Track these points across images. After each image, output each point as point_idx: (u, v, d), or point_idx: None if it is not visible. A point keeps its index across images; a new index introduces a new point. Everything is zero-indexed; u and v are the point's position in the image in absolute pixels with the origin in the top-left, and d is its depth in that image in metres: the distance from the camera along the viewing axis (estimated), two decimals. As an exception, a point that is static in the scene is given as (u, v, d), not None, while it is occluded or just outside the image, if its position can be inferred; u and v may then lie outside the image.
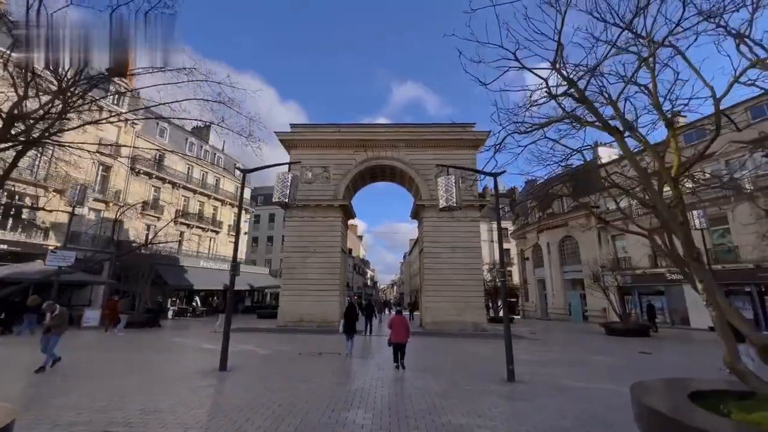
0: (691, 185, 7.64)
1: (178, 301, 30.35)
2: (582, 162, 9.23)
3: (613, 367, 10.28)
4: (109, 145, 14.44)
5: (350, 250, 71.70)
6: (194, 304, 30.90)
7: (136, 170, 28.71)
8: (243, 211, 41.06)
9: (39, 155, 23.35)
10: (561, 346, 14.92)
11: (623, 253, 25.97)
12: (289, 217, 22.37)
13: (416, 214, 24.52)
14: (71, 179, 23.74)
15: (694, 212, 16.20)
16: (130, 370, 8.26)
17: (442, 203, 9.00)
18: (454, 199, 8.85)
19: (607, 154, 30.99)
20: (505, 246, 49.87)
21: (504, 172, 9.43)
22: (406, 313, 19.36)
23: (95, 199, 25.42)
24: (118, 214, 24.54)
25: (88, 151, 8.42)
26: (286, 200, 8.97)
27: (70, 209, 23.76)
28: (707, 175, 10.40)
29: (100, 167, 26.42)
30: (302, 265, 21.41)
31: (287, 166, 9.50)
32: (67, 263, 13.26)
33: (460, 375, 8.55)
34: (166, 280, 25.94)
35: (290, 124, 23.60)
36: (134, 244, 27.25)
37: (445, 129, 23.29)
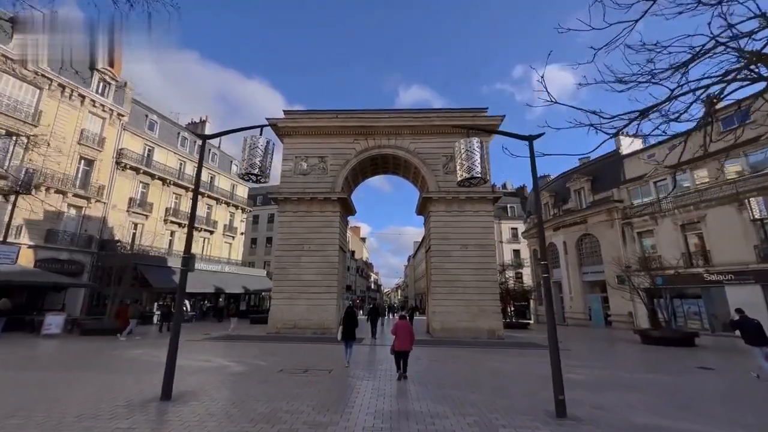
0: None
1: (164, 304, 28.18)
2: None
3: (682, 390, 7.92)
4: None
5: (353, 252, 69.50)
6: (184, 308, 28.78)
7: (123, 165, 26.79)
8: (240, 211, 39.14)
9: (13, 145, 21.59)
10: (598, 360, 12.52)
11: (651, 252, 23.40)
12: (282, 212, 20.22)
13: (422, 208, 22.27)
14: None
15: (752, 199, 13.84)
16: (41, 399, 6.09)
17: (461, 175, 6.75)
18: (478, 168, 6.61)
19: (629, 143, 28.60)
20: (515, 247, 47.25)
21: (543, 134, 7.23)
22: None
23: (75, 195, 23.54)
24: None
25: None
26: (256, 171, 6.79)
27: (53, 206, 22.12)
28: None
29: (82, 161, 24.53)
30: (295, 265, 19.21)
31: (260, 129, 7.30)
32: (5, 261, 11.16)
33: (488, 406, 6.27)
34: (149, 281, 23.88)
35: (284, 111, 21.54)
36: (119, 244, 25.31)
37: (455, 114, 21.11)
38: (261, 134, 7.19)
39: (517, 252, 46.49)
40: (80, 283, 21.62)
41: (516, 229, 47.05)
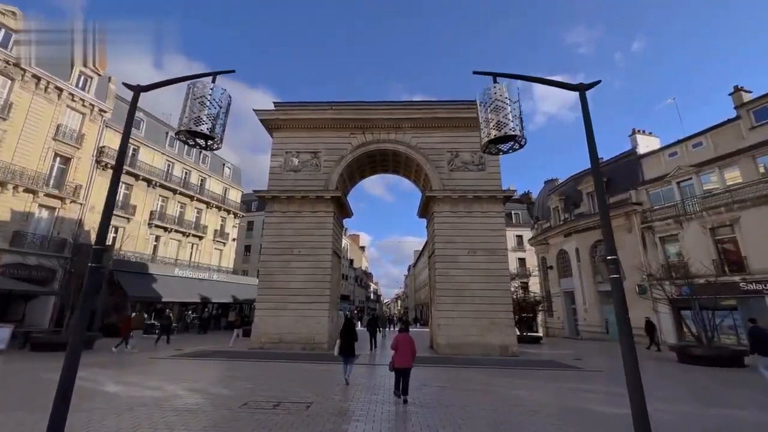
0: None
1: (147, 315, 25.97)
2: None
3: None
4: None
5: (351, 261, 67.20)
6: (166, 319, 26.52)
7: (103, 164, 24.93)
8: (232, 216, 37.02)
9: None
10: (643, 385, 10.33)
11: (681, 259, 21.23)
12: (269, 212, 18.24)
13: (425, 209, 20.31)
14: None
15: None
16: None
17: (488, 134, 4.67)
18: (512, 124, 4.58)
19: (645, 143, 26.78)
20: (521, 255, 45.00)
21: (599, 81, 5.31)
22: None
23: (48, 195, 21.59)
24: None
25: None
26: (202, 129, 4.83)
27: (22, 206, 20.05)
28: None
29: (57, 158, 22.67)
30: (283, 271, 17.13)
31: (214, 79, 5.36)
32: None
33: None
34: (125, 290, 21.74)
35: (274, 103, 19.79)
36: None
37: (461, 107, 19.30)
38: (213, 81, 5.27)
39: (522, 260, 44.28)
40: (39, 290, 19.39)
41: (521, 236, 44.95)
